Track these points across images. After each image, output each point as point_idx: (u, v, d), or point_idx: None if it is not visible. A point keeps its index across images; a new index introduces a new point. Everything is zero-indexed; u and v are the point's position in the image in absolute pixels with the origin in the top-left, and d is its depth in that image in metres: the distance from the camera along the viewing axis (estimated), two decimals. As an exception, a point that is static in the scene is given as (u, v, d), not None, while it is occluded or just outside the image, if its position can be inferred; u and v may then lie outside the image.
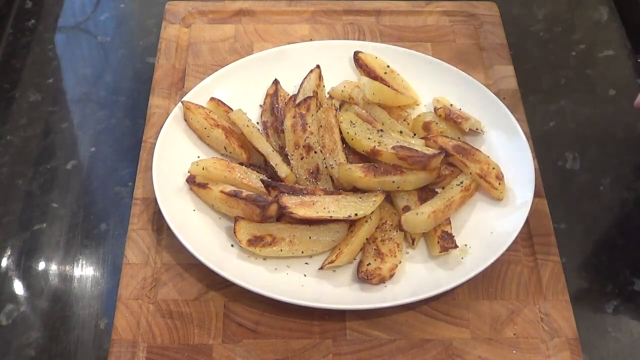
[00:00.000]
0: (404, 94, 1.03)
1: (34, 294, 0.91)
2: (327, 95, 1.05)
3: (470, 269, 0.86)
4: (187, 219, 0.91)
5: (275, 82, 1.05)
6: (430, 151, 0.92)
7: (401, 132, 0.98)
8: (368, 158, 0.94)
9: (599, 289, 0.92)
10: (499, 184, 0.93)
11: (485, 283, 0.89)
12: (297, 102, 0.99)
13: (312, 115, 0.97)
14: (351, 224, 0.90)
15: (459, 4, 1.20)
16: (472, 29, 1.17)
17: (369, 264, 0.87)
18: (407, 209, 0.91)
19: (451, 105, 1.02)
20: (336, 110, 0.99)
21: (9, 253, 0.94)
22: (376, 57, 1.07)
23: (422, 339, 0.85)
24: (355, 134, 0.94)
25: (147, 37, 1.20)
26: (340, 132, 0.97)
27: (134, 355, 0.82)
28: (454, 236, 0.90)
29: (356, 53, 1.08)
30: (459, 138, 0.99)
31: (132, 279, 0.88)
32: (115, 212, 0.98)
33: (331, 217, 0.87)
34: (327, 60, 1.06)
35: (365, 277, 0.86)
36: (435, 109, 1.01)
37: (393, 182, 0.91)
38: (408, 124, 1.02)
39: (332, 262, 0.87)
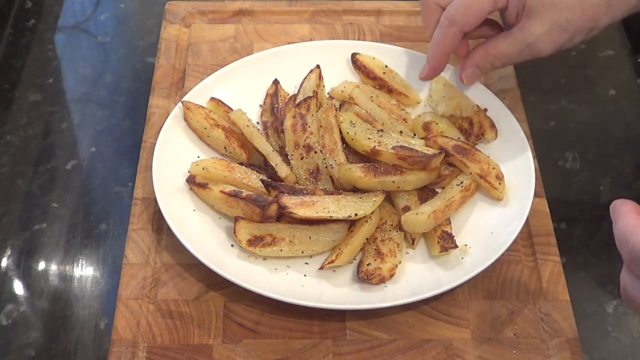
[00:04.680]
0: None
1: (34, 294, 0.91)
2: (327, 95, 1.06)
3: (470, 269, 0.86)
4: (187, 219, 0.91)
5: (275, 82, 1.05)
6: (430, 151, 0.92)
7: (401, 132, 0.98)
8: (368, 158, 0.94)
9: (599, 289, 0.92)
10: (499, 184, 0.93)
11: (485, 283, 0.89)
12: (297, 102, 0.99)
13: (312, 115, 0.97)
14: (351, 224, 0.90)
15: (459, 4, 1.19)
16: (472, 29, 1.17)
17: (369, 264, 0.87)
18: (407, 209, 0.91)
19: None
20: (336, 110, 0.99)
21: (9, 253, 0.95)
22: (374, 58, 1.07)
23: (422, 339, 0.85)
24: (355, 134, 0.94)
25: (147, 37, 1.20)
26: (340, 132, 0.97)
27: (134, 355, 0.82)
28: (453, 236, 0.90)
29: (354, 55, 1.08)
30: (458, 138, 0.99)
31: (132, 279, 0.88)
32: (115, 212, 0.98)
33: (331, 217, 0.87)
34: (327, 60, 1.06)
35: (365, 277, 0.86)
36: (456, 116, 1.01)
37: (393, 182, 0.91)
38: (408, 123, 1.02)
39: (332, 262, 0.87)
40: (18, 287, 0.92)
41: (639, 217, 0.65)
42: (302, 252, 0.88)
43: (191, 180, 0.94)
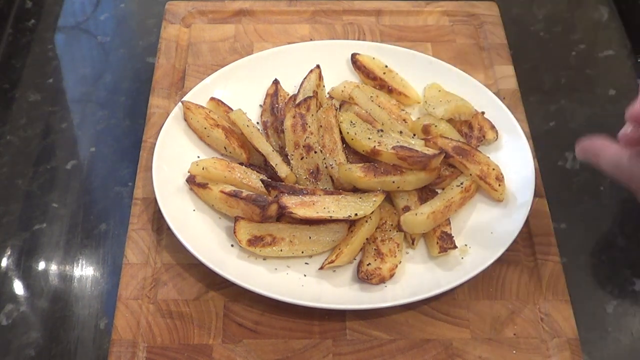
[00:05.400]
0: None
1: (34, 294, 0.91)
2: (327, 95, 1.06)
3: (470, 269, 0.86)
4: (187, 219, 0.91)
5: (275, 82, 1.05)
6: (430, 151, 0.92)
7: (401, 132, 0.98)
8: (368, 158, 0.94)
9: (599, 289, 0.92)
10: (499, 185, 0.93)
11: (485, 283, 0.89)
12: (297, 102, 0.99)
13: (312, 115, 0.97)
14: (351, 224, 0.90)
15: (459, 4, 1.20)
16: (472, 29, 1.17)
17: (369, 264, 0.87)
18: (407, 209, 0.91)
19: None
20: (336, 110, 0.99)
21: (9, 253, 0.95)
22: (373, 58, 1.07)
23: (422, 339, 0.85)
24: (355, 134, 0.94)
25: (147, 37, 1.20)
26: (340, 132, 0.97)
27: (134, 355, 0.82)
28: (453, 237, 0.90)
29: (354, 55, 1.08)
30: (458, 139, 0.99)
31: (132, 279, 0.88)
32: (115, 212, 0.98)
33: (331, 217, 0.87)
34: (327, 60, 1.06)
35: (365, 277, 0.86)
36: (454, 120, 1.01)
37: (393, 182, 0.91)
38: (408, 124, 1.02)
39: (332, 262, 0.87)
40: (18, 287, 0.92)
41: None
42: (302, 252, 0.88)
43: (191, 180, 0.94)
